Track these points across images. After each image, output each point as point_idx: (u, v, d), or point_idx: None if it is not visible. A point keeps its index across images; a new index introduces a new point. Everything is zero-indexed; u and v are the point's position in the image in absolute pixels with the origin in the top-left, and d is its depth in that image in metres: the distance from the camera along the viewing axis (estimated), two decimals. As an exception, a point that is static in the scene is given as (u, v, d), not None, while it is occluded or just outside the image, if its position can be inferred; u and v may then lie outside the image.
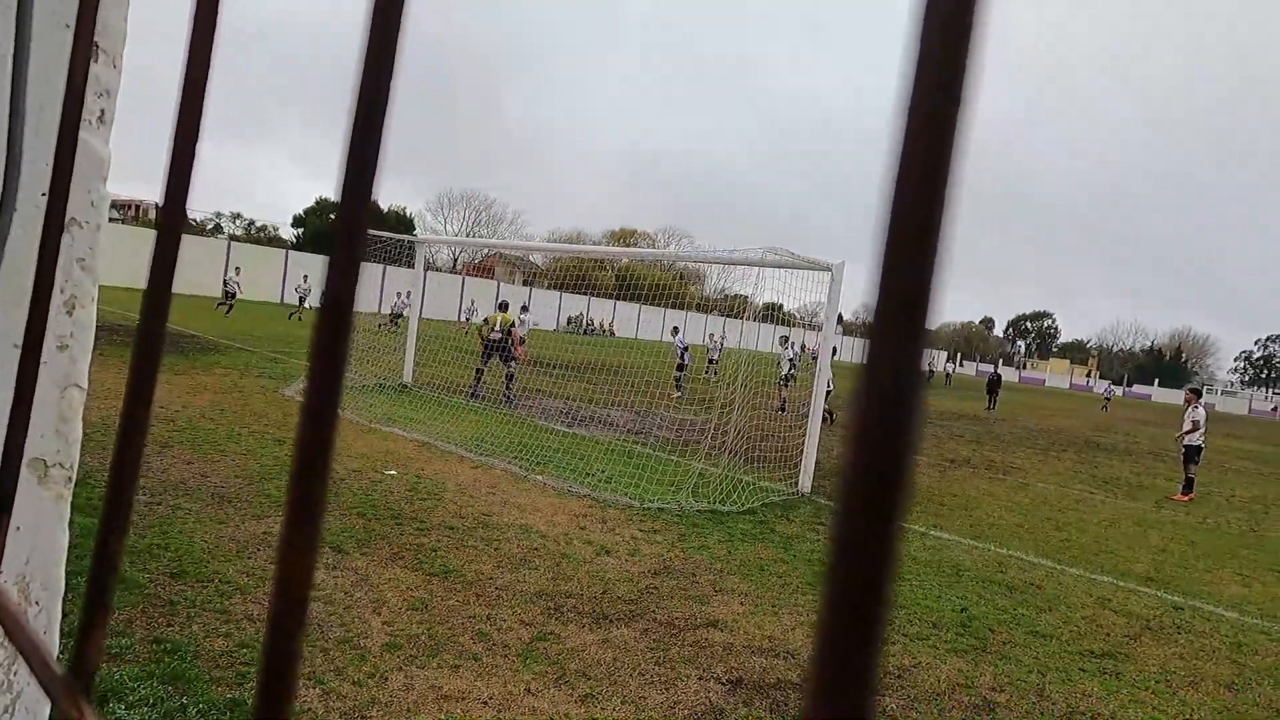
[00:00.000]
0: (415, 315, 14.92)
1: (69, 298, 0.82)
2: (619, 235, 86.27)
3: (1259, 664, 5.65)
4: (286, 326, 25.29)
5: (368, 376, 14.07)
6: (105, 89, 0.81)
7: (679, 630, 4.94)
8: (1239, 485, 16.75)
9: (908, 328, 0.20)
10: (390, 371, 14.62)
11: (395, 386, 14.07)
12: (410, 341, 14.72)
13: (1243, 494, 15.33)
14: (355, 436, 9.40)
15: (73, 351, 0.83)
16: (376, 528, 6.12)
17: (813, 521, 8.15)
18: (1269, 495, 15.66)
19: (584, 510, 7.44)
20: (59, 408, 0.83)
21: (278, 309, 34.24)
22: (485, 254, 75.53)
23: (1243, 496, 14.96)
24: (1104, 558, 8.32)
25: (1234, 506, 13.47)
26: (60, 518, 0.84)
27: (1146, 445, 24.55)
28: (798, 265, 9.57)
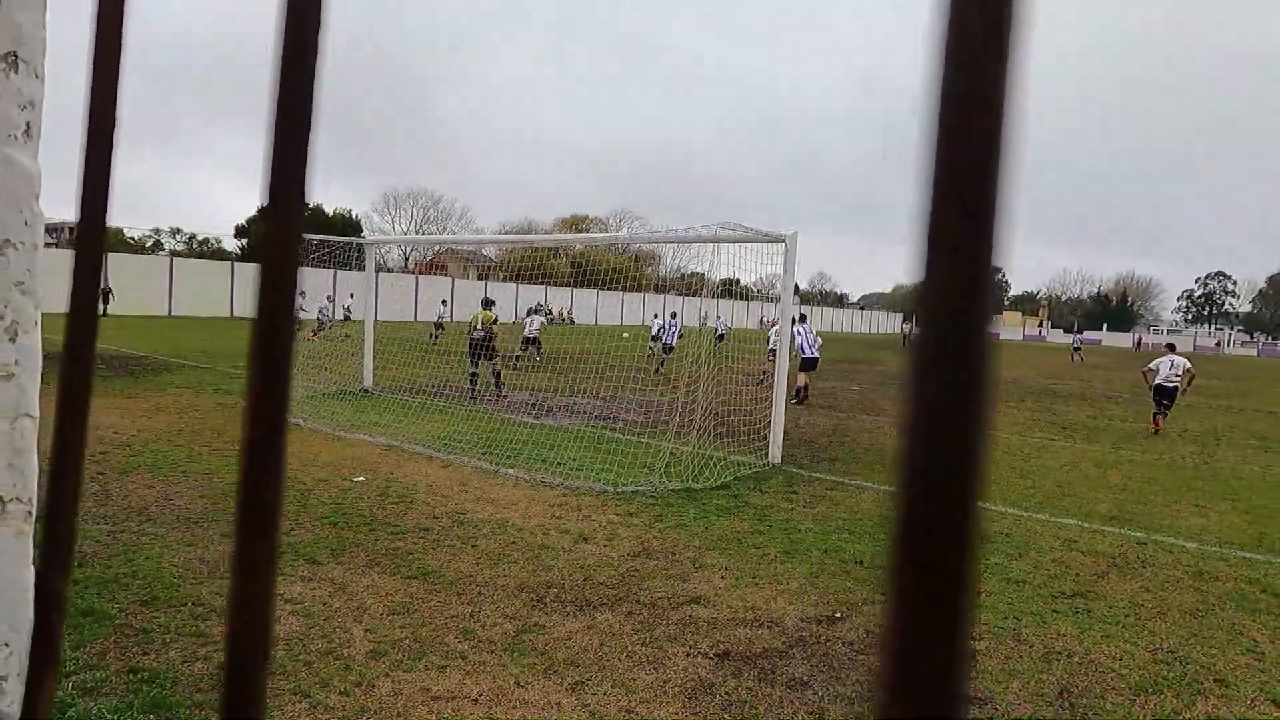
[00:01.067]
0: (370, 318, 14.70)
1: (10, 323, 0.78)
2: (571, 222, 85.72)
3: (1220, 589, 5.87)
4: (242, 340, 24.73)
5: (326, 383, 13.85)
6: (29, 100, 0.77)
7: (663, 610, 4.97)
8: (1190, 419, 17.31)
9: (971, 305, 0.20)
10: (350, 377, 14.41)
11: (356, 392, 13.87)
12: (368, 345, 14.51)
13: (1194, 428, 15.86)
14: (320, 445, 9.26)
15: (20, 380, 0.80)
16: (350, 535, 6.05)
17: (785, 491, 8.25)
18: (1219, 427, 16.22)
19: (558, 500, 7.43)
20: (10, 439, 0.80)
21: (227, 324, 33.49)
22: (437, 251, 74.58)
23: (1194, 430, 15.48)
24: (1068, 501, 8.56)
25: (1187, 440, 13.94)
26: (23, 554, 0.81)
27: (1100, 389, 25.24)
28: (751, 239, 9.61)
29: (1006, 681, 4.25)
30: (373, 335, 14.59)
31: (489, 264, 67.82)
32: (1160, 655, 4.67)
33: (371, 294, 14.89)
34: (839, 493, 8.31)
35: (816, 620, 4.93)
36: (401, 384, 14.77)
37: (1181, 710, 4.03)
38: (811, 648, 4.54)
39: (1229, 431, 15.58)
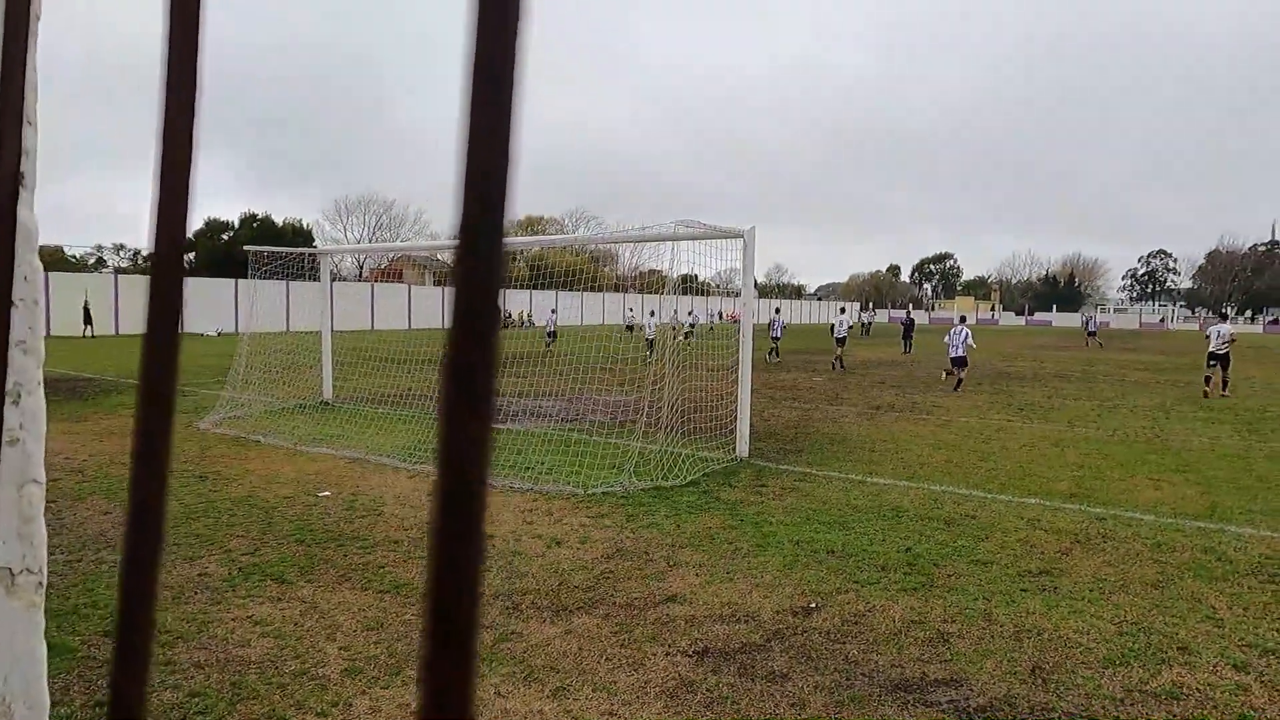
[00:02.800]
0: (326, 329, 14.45)
1: (13, 385, 0.74)
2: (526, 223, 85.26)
3: (1178, 560, 6.05)
4: (192, 357, 24.15)
5: (285, 398, 13.59)
6: (25, 149, 0.72)
7: (639, 610, 4.97)
8: (1140, 395, 17.82)
9: None
10: (308, 390, 14.16)
11: (316, 405, 13.63)
12: (326, 357, 14.27)
13: (1144, 403, 16.33)
14: (282, 461, 9.08)
15: (25, 445, 0.76)
16: (318, 552, 5.94)
17: (754, 484, 8.30)
18: (1167, 402, 16.71)
19: (528, 505, 7.39)
20: (19, 508, 0.75)
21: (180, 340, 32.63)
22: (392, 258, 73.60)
23: (1145, 405, 15.93)
24: (1029, 481, 8.75)
25: (1138, 415, 14.34)
26: (35, 627, 0.77)
27: (1052, 369, 25.84)
28: (710, 235, 9.65)
29: (980, 661, 4.33)
30: (330, 347, 14.36)
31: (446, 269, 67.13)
32: (1125, 627, 4.79)
33: (327, 305, 14.64)
34: (807, 484, 8.39)
35: (792, 612, 4.97)
36: (363, 395, 14.55)
37: (1149, 680, 4.15)
38: (789, 639, 4.57)
39: (1177, 405, 16.07)
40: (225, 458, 9.22)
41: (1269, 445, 11.39)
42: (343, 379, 15.55)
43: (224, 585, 5.26)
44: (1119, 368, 26.64)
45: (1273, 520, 7.24)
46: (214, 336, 34.66)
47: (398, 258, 72.25)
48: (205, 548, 5.98)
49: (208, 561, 5.69)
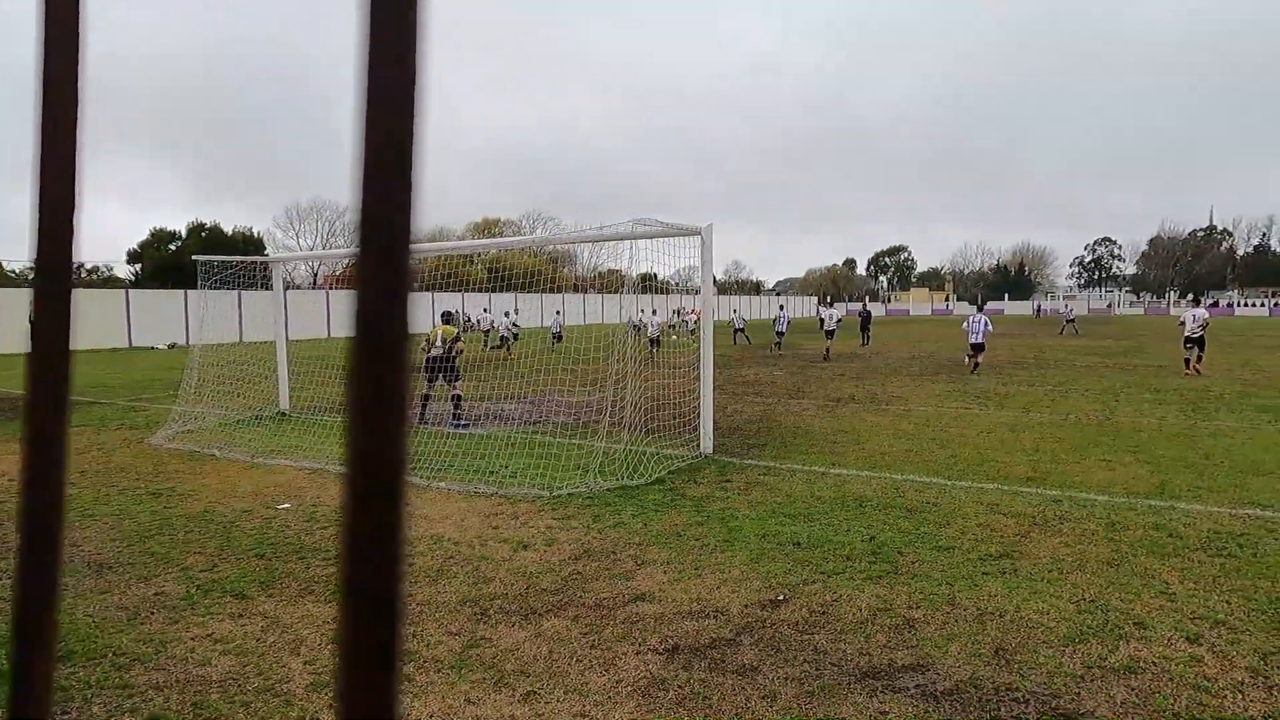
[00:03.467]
0: (281, 338, 14.18)
1: None
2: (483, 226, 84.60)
3: (1132, 538, 6.22)
4: (143, 371, 23.51)
5: (240, 410, 13.30)
6: None
7: (609, 610, 4.96)
8: (1090, 379, 18.29)
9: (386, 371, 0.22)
10: (265, 401, 13.87)
11: (273, 416, 13.37)
12: (281, 366, 14.00)
13: (1094, 386, 16.76)
14: (239, 474, 8.88)
15: None
16: (279, 566, 5.82)
17: (719, 480, 8.34)
18: (1116, 385, 17.18)
19: (493, 509, 7.33)
20: None
21: (125, 355, 31.79)
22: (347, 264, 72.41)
23: (1095, 389, 16.36)
24: (987, 466, 8.92)
25: (1089, 399, 14.72)
26: None
27: (1005, 356, 26.40)
28: (668, 233, 9.67)
29: (945, 645, 4.40)
30: (286, 356, 14.09)
31: (402, 274, 66.16)
32: (1084, 606, 4.91)
33: (281, 313, 14.36)
34: (771, 478, 8.45)
35: (761, 605, 5.00)
36: (321, 404, 14.30)
37: (1107, 656, 4.25)
38: (758, 633, 4.60)
39: (1126, 388, 16.53)
40: (180, 473, 9.00)
41: (1213, 423, 11.77)
42: (300, 388, 15.26)
43: (182, 604, 5.13)
44: (1069, 353, 27.31)
45: (1218, 496, 7.48)
46: (164, 350, 33.79)
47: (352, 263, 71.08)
48: (161, 566, 5.83)
49: (164, 580, 5.55)
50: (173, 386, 15.75)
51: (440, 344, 12.59)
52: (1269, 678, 3.99)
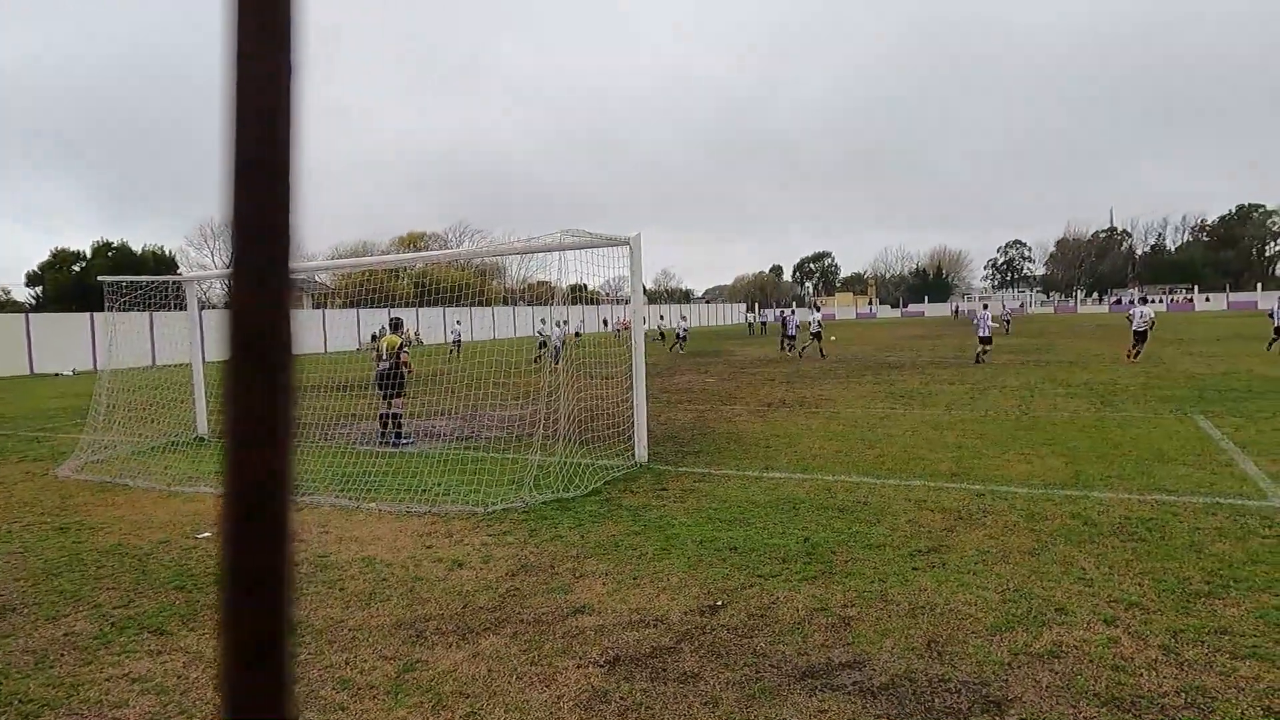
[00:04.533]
0: (198, 360, 13.63)
1: None
2: (409, 240, 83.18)
3: (1051, 528, 6.48)
4: (46, 400, 22.25)
5: (155, 437, 12.72)
6: None
7: (548, 625, 4.91)
8: (1007, 376, 19.02)
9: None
10: (181, 426, 13.30)
11: (191, 441, 12.82)
12: (199, 389, 13.44)
13: (1011, 383, 17.44)
14: (154, 504, 8.48)
15: None
16: (201, 598, 5.57)
17: (655, 488, 8.36)
18: (1031, 381, 17.91)
19: (427, 528, 7.18)
20: None
21: (25, 382, 30.05)
22: (265, 282, 70.23)
23: (1012, 385, 17.02)
24: (913, 464, 9.18)
25: (1007, 395, 15.30)
26: None
27: (928, 357, 27.25)
28: (596, 243, 9.67)
29: (880, 641, 4.49)
30: (203, 378, 13.54)
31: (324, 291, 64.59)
32: (1008, 595, 5.09)
33: (197, 334, 13.81)
34: (707, 484, 8.52)
35: (700, 611, 5.02)
36: (241, 427, 13.77)
37: (1032, 642, 4.41)
38: (698, 639, 4.62)
39: (1040, 384, 17.25)
40: (89, 505, 8.54)
41: (1120, 414, 12.38)
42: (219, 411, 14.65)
43: (95, 643, 4.85)
44: (987, 352, 28.35)
45: (1128, 483, 7.86)
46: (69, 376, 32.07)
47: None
48: (71, 604, 5.51)
49: (75, 619, 5.25)
50: (79, 414, 14.96)
51: (386, 357, 12.06)
52: (1180, 654, 4.20)
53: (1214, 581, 5.18)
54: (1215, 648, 4.25)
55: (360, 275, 17.78)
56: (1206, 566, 5.45)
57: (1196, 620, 4.60)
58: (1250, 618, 4.60)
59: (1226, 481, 7.80)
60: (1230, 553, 5.70)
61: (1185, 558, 5.64)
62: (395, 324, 12.54)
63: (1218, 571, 5.35)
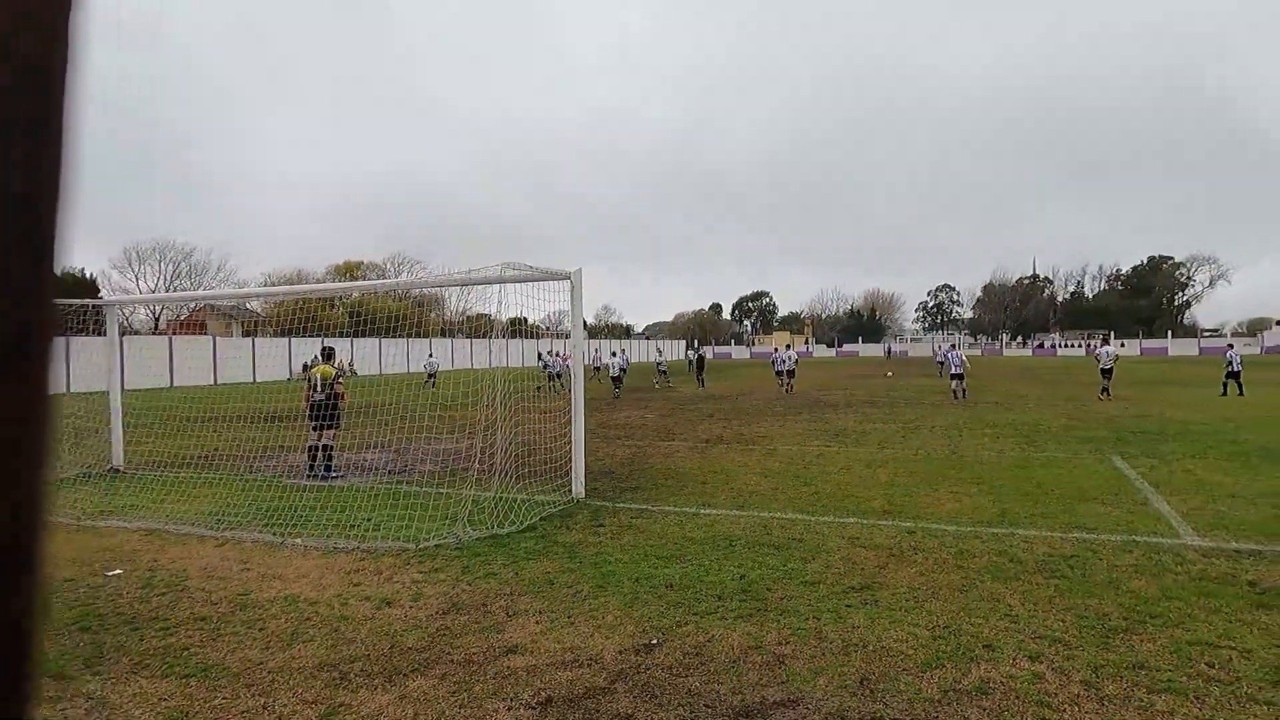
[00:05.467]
0: (116, 389, 13.05)
1: None
2: (345, 269, 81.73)
3: (979, 564, 6.62)
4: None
5: (65, 468, 12.08)
6: None
7: (479, 665, 4.77)
8: (937, 417, 19.54)
9: None
10: (95, 457, 12.67)
11: (105, 473, 12.21)
12: (115, 418, 12.84)
13: (941, 423, 17.91)
14: (61, 541, 8.02)
15: None
16: (108, 639, 5.26)
17: (592, 525, 8.27)
18: (960, 421, 18.43)
19: (355, 565, 6.95)
20: None
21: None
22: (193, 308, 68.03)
23: (942, 425, 17.48)
24: (847, 501, 9.31)
25: (937, 435, 15.70)
26: None
27: (863, 396, 27.83)
28: (537, 277, 9.65)
29: (813, 679, 4.50)
30: (120, 407, 12.95)
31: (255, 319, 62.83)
32: (938, 632, 5.16)
33: (115, 361, 13.24)
34: (644, 520, 8.47)
35: (635, 650, 4.95)
36: (160, 459, 13.21)
37: (960, 679, 4.48)
38: (632, 679, 4.55)
39: (968, 424, 17.76)
40: None
41: (1044, 454, 12.82)
42: (137, 442, 14.05)
43: (-13, 690, 4.52)
44: (919, 393, 29.12)
45: (1051, 521, 8.11)
46: None
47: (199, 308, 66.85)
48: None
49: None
50: (-16, 443, 14.12)
51: (320, 388, 11.75)
52: (1100, 690, 4.31)
53: (1131, 617, 5.35)
54: (1134, 682, 4.38)
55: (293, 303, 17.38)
56: (1124, 603, 5.63)
57: (1116, 655, 4.74)
58: (1165, 653, 4.76)
59: (1142, 520, 8.12)
60: (1146, 589, 5.91)
61: (1105, 594, 5.82)
62: (328, 354, 12.22)
63: (1135, 608, 5.53)
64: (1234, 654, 4.72)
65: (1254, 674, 4.45)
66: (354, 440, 14.17)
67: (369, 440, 14.21)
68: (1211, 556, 6.75)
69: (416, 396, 13.00)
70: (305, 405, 11.94)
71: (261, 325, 59.21)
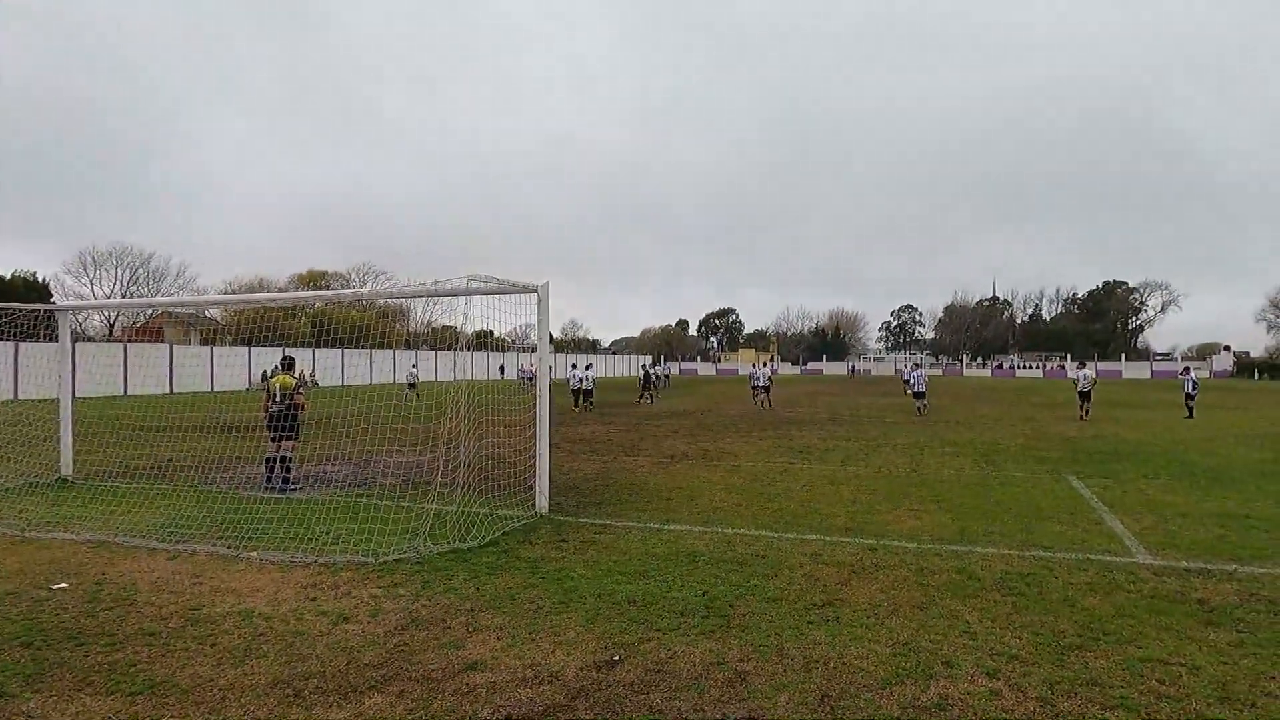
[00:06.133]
0: (66, 395, 12.68)
1: None
2: (309, 278, 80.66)
3: (938, 581, 6.69)
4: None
5: (10, 476, 11.69)
6: None
7: (437, 683, 4.69)
8: (899, 435, 19.78)
9: None
10: (41, 465, 12.28)
11: (52, 483, 11.83)
12: (65, 426, 12.46)
13: (902, 441, 18.13)
14: (3, 552, 7.75)
15: None
16: (50, 655, 5.09)
17: (555, 540, 8.21)
18: (920, 439, 18.68)
19: (312, 579, 6.81)
20: None
21: None
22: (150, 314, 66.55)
23: (903, 443, 17.69)
24: (810, 518, 9.36)
25: (898, 453, 15.89)
26: None
27: (825, 414, 28.08)
28: (504, 290, 9.60)
29: (775, 696, 4.49)
30: (70, 415, 12.58)
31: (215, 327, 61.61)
32: (898, 649, 5.20)
33: (67, 367, 12.88)
34: (607, 535, 8.43)
35: (596, 666, 4.91)
36: (111, 469, 12.85)
37: (919, 695, 4.50)
38: (593, 696, 4.51)
39: (929, 443, 18.00)
40: (-74, 552, 7.72)
41: (1002, 473, 13.03)
42: (87, 451, 13.66)
43: (-81, 708, 4.34)
44: (880, 411, 29.46)
45: (1009, 539, 8.23)
46: None
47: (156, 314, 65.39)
48: (-106, 664, 4.93)
49: (-103, 680, 4.69)
50: (-76, 451, 13.62)
51: (279, 398, 11.53)
52: (1055, 706, 4.37)
53: (1085, 634, 5.44)
54: (1087, 699, 4.45)
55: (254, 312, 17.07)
56: (1079, 620, 5.73)
57: (1070, 672, 4.81)
58: (1118, 669, 4.85)
59: (1096, 539, 8.28)
60: (1099, 607, 6.02)
61: (1060, 611, 5.92)
62: (288, 364, 12.00)
63: (1089, 625, 5.63)
64: (1184, 671, 4.82)
65: (1203, 690, 4.55)
66: (314, 452, 13.92)
67: (329, 452, 13.98)
68: (1163, 575, 6.90)
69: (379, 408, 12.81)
70: (264, 415, 11.71)
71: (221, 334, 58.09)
